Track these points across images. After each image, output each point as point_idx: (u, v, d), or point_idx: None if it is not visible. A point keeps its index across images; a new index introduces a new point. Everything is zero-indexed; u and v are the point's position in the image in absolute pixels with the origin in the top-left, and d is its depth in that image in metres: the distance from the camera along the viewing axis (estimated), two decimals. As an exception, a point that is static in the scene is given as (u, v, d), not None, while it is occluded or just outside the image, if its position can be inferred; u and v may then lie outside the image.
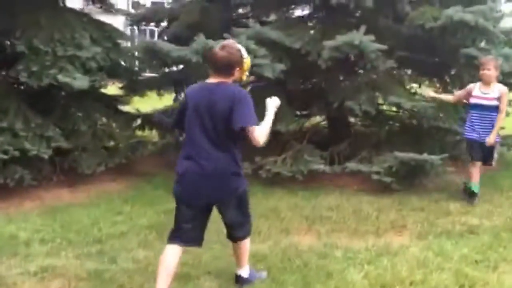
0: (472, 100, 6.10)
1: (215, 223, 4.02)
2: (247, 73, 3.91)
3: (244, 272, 4.11)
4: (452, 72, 7.20)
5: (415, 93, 7.57)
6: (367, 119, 7.70)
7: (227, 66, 3.68)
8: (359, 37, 5.89)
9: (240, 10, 8.62)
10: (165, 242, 3.94)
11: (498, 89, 5.99)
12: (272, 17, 8.27)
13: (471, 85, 6.18)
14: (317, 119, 8.36)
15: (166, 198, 6.09)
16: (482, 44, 6.93)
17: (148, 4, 17.32)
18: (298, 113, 7.57)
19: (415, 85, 8.15)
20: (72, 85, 6.26)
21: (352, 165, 6.52)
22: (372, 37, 5.96)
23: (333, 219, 5.52)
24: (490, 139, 5.97)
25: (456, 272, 4.21)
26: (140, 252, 4.72)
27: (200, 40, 6.57)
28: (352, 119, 7.88)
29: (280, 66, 6.30)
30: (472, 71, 6.60)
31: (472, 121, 6.09)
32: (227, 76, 3.70)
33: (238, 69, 3.71)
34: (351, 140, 7.16)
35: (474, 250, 4.66)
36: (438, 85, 7.75)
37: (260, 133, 3.60)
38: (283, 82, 6.66)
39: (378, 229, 5.26)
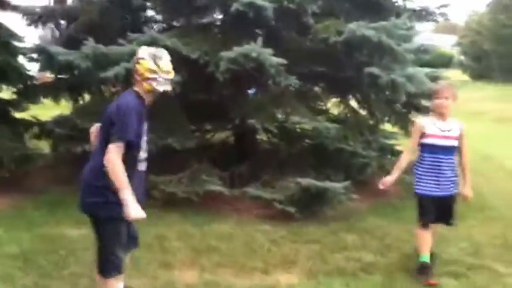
0: (427, 141, 4.64)
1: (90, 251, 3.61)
2: (149, 82, 3.40)
3: None
4: (358, 91, 6.85)
5: (322, 111, 7.20)
6: (275, 137, 7.31)
7: (133, 72, 3.50)
8: (256, 49, 5.44)
9: (149, 14, 8.02)
10: (30, 274, 4.11)
11: (458, 126, 4.69)
12: (182, 22, 7.72)
13: (419, 122, 4.80)
14: (224, 135, 7.89)
15: (48, 220, 5.60)
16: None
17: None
18: (198, 128, 7.05)
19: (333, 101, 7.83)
20: None
21: (252, 190, 6.04)
22: (270, 50, 5.52)
23: (222, 251, 5.01)
24: (469, 192, 4.75)
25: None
26: (-2, 287, 4.10)
27: (90, 44, 5.99)
28: (260, 137, 7.43)
29: (176, 77, 5.74)
30: (377, 92, 6.29)
31: (428, 170, 4.66)
32: (135, 83, 3.48)
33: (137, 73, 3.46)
34: (254, 160, 6.69)
35: (363, 293, 4.28)
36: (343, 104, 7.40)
37: (111, 158, 3.27)
38: (180, 95, 6.12)
39: (267, 264, 4.76)
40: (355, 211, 6.33)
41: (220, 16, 7.28)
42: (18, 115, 7.56)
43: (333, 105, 7.79)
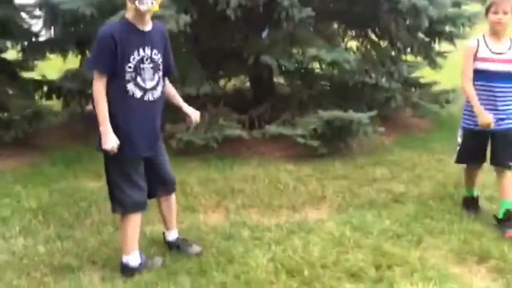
0: (479, 65, 3.98)
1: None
2: (137, 2, 3.21)
3: (131, 259, 3.46)
4: (377, 22, 6.48)
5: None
6: (293, 78, 7.03)
7: None
8: (268, -20, 5.15)
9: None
10: (51, 226, 4.17)
11: None
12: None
13: (470, 42, 4.10)
14: (241, 80, 7.63)
15: (65, 175, 5.50)
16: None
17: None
18: (213, 74, 6.76)
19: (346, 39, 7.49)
20: None
21: (272, 129, 5.82)
22: (283, -19, 5.23)
23: (246, 193, 4.85)
24: None
25: (374, 250, 3.62)
26: (19, 240, 4.00)
27: (95, -11, 5.73)
28: (277, 79, 7.14)
29: (186, 18, 5.48)
30: (397, 19, 5.95)
31: (479, 100, 3.98)
32: (127, 7, 3.35)
33: None
34: (273, 101, 6.44)
35: (397, 222, 4.09)
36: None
37: (93, 90, 3.28)
38: (192, 39, 5.87)
39: (295, 202, 4.62)
40: (381, 146, 6.13)
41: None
42: (26, 75, 7.37)
43: (351, 43, 7.45)
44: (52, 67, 7.56)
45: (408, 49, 6.85)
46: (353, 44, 7.37)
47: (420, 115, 6.97)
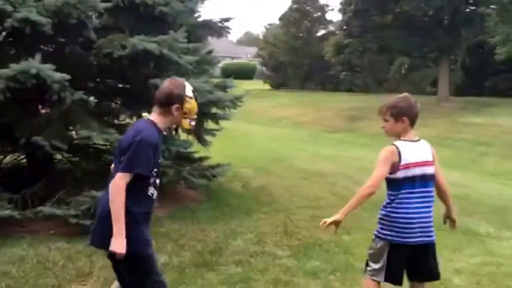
0: None
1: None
2: (189, 121, 3.39)
3: None
4: (149, 104, 6.99)
5: (120, 125, 7.25)
6: (72, 155, 7.21)
7: (166, 97, 3.35)
8: (36, 65, 5.35)
9: None
10: None
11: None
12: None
13: None
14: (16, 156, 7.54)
15: None
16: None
17: None
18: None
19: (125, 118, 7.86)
20: None
21: (46, 209, 5.86)
22: (52, 66, 5.46)
23: (12, 274, 4.83)
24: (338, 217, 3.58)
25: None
26: None
27: None
28: (57, 155, 7.23)
29: (-50, 100, 5.43)
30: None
31: None
32: (164, 110, 3.35)
33: (177, 105, 3.34)
34: (48, 179, 6.52)
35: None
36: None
37: (115, 186, 3.23)
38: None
39: (61, 280, 4.75)
40: (155, 218, 6.49)
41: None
42: None
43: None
44: None
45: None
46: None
47: (193, 187, 7.57)
